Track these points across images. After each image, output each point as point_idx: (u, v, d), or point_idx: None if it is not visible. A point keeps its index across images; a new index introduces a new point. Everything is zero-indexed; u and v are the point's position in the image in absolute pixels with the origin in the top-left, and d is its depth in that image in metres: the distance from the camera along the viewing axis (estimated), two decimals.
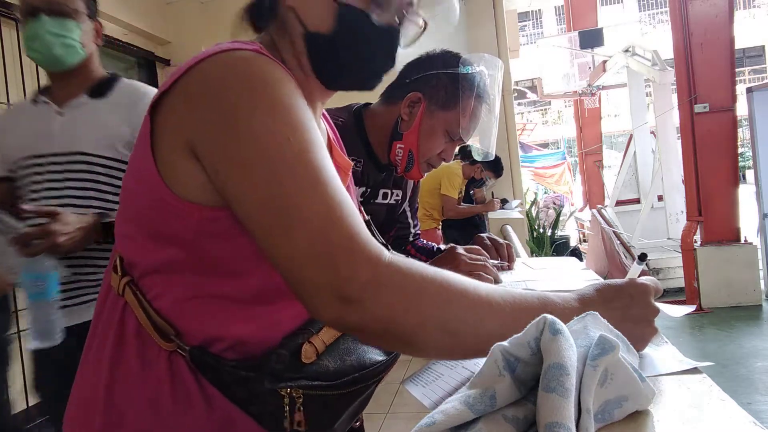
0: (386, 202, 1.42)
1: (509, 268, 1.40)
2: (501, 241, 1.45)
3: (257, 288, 0.64)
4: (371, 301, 0.51)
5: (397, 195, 1.44)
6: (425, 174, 1.30)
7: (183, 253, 0.62)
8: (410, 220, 1.54)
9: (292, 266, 0.53)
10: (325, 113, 0.87)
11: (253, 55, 0.61)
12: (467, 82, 1.18)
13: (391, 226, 1.49)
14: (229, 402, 0.63)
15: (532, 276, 1.32)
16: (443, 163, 1.29)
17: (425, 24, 0.76)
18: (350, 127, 1.29)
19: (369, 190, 1.36)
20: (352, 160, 1.28)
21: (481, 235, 1.45)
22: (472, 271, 1.25)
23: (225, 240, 0.61)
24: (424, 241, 1.55)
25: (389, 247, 0.76)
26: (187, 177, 0.60)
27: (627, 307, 0.59)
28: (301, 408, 0.62)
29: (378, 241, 0.75)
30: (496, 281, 1.23)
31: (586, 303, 0.59)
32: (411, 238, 1.55)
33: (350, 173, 0.85)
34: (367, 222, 0.78)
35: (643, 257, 0.79)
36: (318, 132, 0.60)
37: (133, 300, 0.64)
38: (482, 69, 1.19)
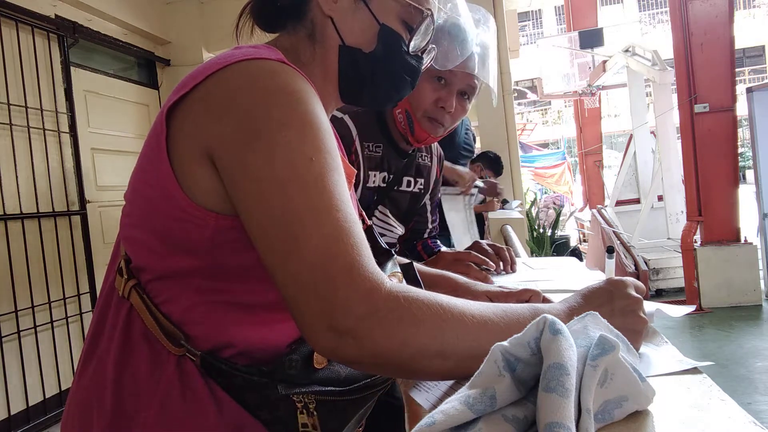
0: (410, 190, 1.41)
1: (512, 270, 1.40)
2: (500, 246, 1.45)
3: (269, 295, 0.63)
4: (366, 335, 0.50)
5: (420, 184, 1.44)
6: (436, 133, 1.24)
7: (196, 260, 0.61)
8: (429, 215, 1.53)
9: (291, 287, 0.53)
10: None
11: (279, 66, 0.61)
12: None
13: (412, 215, 1.48)
14: (239, 407, 0.62)
15: (532, 276, 1.32)
16: (447, 114, 1.21)
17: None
18: (369, 113, 1.29)
19: (392, 176, 1.35)
20: (373, 145, 1.28)
21: (480, 241, 1.45)
22: (457, 260, 1.27)
23: (239, 248, 0.61)
24: (437, 242, 1.55)
25: (393, 252, 0.76)
26: (203, 184, 0.59)
27: (610, 302, 0.61)
28: (315, 414, 0.62)
29: (381, 247, 0.75)
30: (485, 279, 1.22)
31: (573, 309, 0.61)
32: (426, 235, 1.54)
33: (353, 180, 0.86)
34: (369, 228, 0.78)
35: (610, 250, 0.82)
36: (338, 154, 0.60)
37: (139, 304, 0.63)
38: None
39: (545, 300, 0.84)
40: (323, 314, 0.51)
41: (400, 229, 1.43)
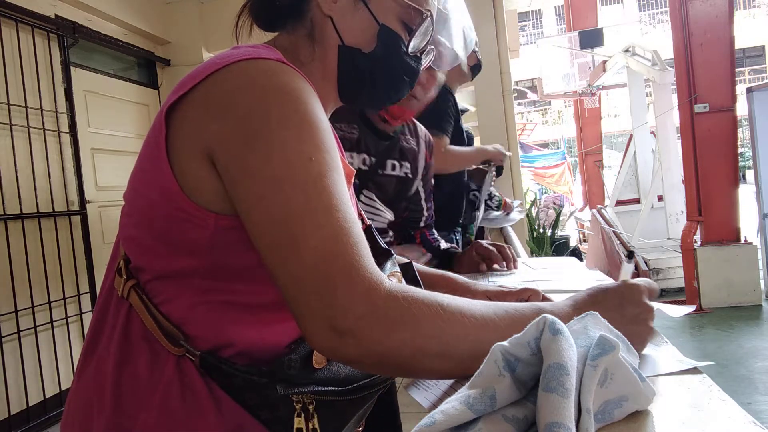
0: (395, 173, 1.41)
1: (514, 267, 1.41)
2: (501, 244, 1.46)
3: (269, 295, 0.63)
4: (366, 334, 0.51)
5: (407, 168, 1.44)
6: (411, 107, 1.27)
7: (196, 260, 0.61)
8: (423, 203, 1.53)
9: (292, 287, 0.53)
10: None
11: (278, 65, 0.61)
12: None
13: (401, 201, 1.48)
14: (239, 407, 0.62)
15: (532, 276, 1.32)
16: (418, 86, 1.23)
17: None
18: None
19: (374, 159, 1.35)
20: (347, 126, 1.29)
21: (480, 241, 1.46)
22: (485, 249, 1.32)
23: (239, 248, 0.61)
24: (435, 235, 1.55)
25: (392, 252, 0.76)
26: (203, 184, 0.59)
27: (620, 307, 0.59)
28: (314, 414, 0.62)
29: (380, 247, 0.75)
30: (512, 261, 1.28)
31: (579, 308, 0.60)
32: (422, 224, 1.54)
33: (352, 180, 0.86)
34: (368, 228, 0.78)
35: (630, 255, 0.80)
36: (337, 153, 0.60)
37: (139, 304, 0.63)
38: None
39: (544, 299, 0.84)
40: (323, 314, 0.51)
41: (388, 214, 1.43)
